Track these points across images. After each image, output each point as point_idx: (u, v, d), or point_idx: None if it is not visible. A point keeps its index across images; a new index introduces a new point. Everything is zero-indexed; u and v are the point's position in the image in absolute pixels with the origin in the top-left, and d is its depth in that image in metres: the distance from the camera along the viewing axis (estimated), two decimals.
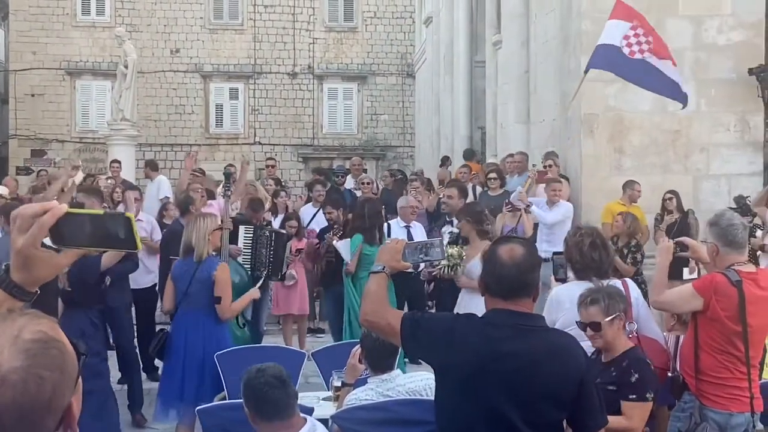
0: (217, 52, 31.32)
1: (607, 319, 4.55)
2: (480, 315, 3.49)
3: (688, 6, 11.96)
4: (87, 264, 6.86)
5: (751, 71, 11.69)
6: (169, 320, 7.93)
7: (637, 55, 9.71)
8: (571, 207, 10.85)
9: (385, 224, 9.97)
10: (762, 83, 11.80)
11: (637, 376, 4.48)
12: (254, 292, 7.64)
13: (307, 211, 12.32)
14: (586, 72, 10.23)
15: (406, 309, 7.72)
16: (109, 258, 7.07)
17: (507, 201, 10.58)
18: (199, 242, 7.04)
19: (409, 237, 9.63)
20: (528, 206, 10.42)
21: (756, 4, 12.04)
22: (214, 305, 7.02)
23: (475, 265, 7.05)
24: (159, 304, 9.57)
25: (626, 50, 9.74)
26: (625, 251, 9.98)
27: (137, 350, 9.00)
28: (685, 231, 10.05)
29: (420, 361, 4.37)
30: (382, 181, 16.19)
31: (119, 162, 16.25)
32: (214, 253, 7.27)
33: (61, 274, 8.72)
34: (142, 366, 9.14)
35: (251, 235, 9.63)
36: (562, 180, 11.28)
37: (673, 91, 9.96)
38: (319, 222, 11.69)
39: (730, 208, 9.77)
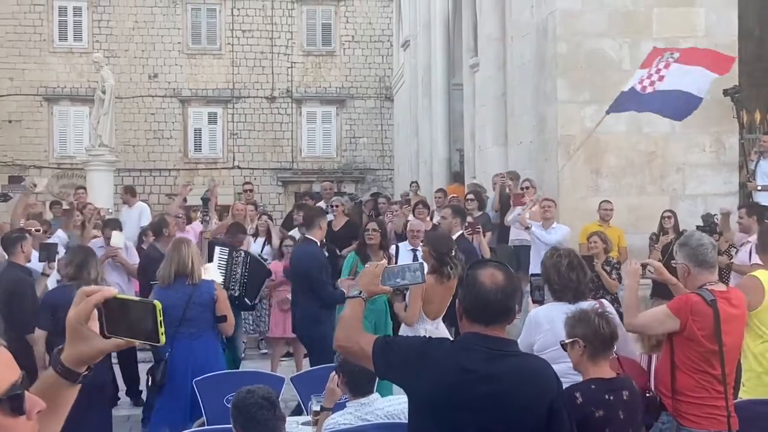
0: (195, 76, 31.34)
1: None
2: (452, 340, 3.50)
3: (662, 29, 12.09)
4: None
5: (725, 92, 11.80)
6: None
7: (648, 89, 10.00)
8: (569, 230, 10.86)
9: (393, 247, 10.00)
10: (736, 104, 11.91)
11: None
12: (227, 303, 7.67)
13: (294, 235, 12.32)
14: (607, 113, 10.64)
15: (400, 332, 7.71)
16: None
17: (467, 224, 10.61)
18: (195, 265, 7.04)
19: (415, 259, 9.64)
20: (528, 228, 10.66)
21: (729, 26, 12.19)
22: (216, 325, 7.08)
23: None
24: None
25: (638, 87, 10.20)
26: (608, 268, 10.07)
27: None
28: None
29: None
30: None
31: (84, 188, 16.25)
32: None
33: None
34: (126, 390, 9.07)
35: (226, 255, 9.62)
36: (554, 201, 11.31)
37: (683, 107, 10.18)
38: None
39: (698, 226, 9.87)
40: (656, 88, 10.25)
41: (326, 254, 9.49)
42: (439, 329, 7.63)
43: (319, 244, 9.02)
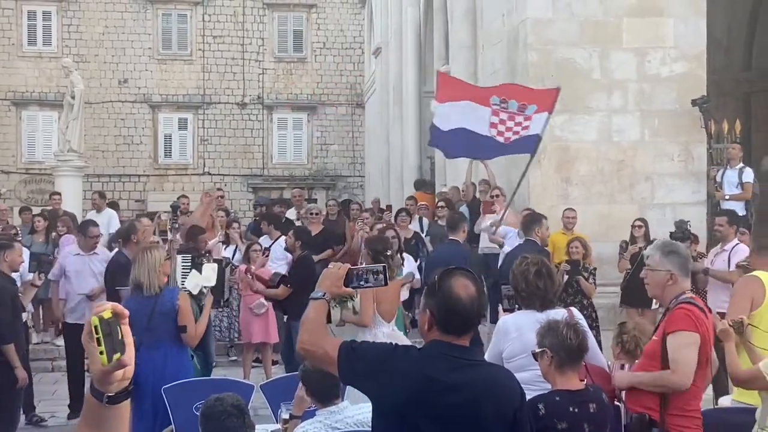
0: (165, 82, 31.20)
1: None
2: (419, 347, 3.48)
3: (631, 39, 12.18)
4: None
5: (693, 102, 11.91)
6: None
7: (513, 137, 10.14)
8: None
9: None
10: (704, 114, 12.02)
11: None
12: (207, 311, 7.59)
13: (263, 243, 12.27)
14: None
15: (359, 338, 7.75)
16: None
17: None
18: (152, 275, 6.95)
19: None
20: (501, 246, 10.68)
21: (697, 37, 12.30)
22: (179, 335, 6.98)
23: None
24: None
25: (500, 139, 10.18)
26: (585, 274, 10.17)
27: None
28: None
29: None
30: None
31: (60, 194, 16.10)
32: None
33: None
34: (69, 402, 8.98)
35: (189, 263, 9.56)
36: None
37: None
38: (275, 251, 11.71)
39: (671, 233, 9.95)
40: (517, 137, 10.25)
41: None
42: (394, 332, 7.72)
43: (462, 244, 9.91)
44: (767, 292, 5.74)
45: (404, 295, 10.89)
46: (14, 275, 8.49)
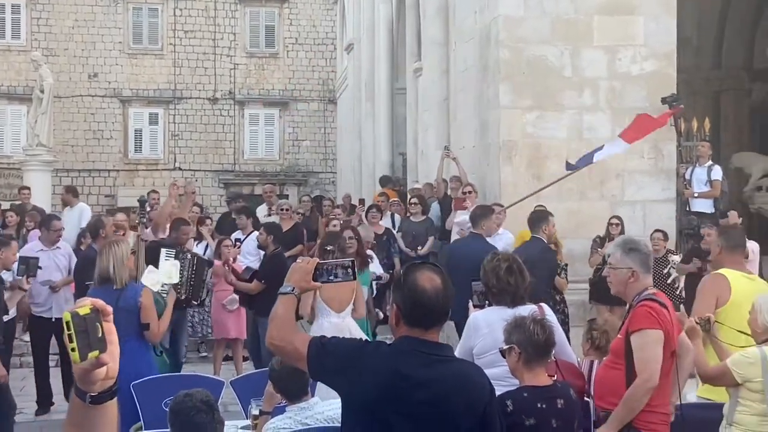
0: (136, 77, 31.01)
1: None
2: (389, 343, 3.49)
3: (602, 36, 12.22)
4: None
5: (663, 100, 11.97)
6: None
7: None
8: (513, 238, 10.91)
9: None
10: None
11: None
12: (170, 308, 7.54)
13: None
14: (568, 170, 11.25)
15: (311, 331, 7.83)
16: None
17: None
18: (119, 269, 6.88)
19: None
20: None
21: (667, 35, 12.36)
22: (142, 332, 6.92)
23: None
24: None
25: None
26: (559, 270, 10.24)
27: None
28: None
29: None
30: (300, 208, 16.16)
31: (29, 188, 15.95)
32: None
33: None
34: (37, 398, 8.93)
35: (172, 257, 9.50)
36: (503, 206, 11.35)
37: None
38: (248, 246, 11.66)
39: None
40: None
41: None
42: (346, 322, 7.76)
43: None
44: (733, 290, 5.78)
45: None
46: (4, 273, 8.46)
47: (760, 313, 5.10)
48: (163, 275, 7.97)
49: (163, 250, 9.47)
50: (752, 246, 9.97)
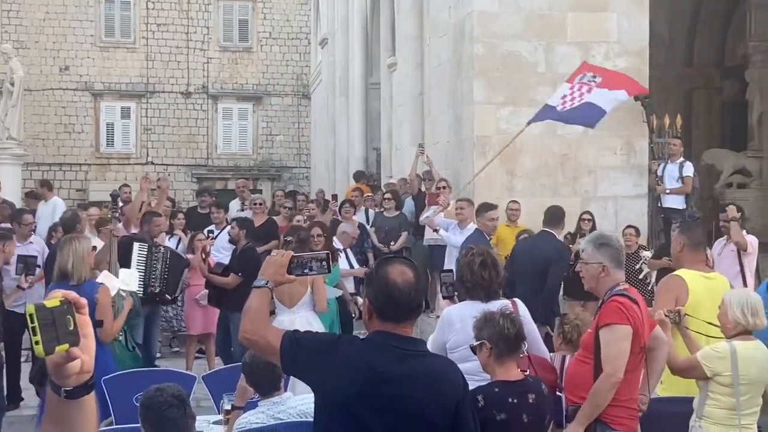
0: (108, 70, 30.77)
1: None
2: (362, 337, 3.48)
3: (576, 33, 12.27)
4: None
5: (636, 97, 12.03)
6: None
7: (567, 107, 10.91)
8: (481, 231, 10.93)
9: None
10: (646, 108, 12.16)
11: None
12: (126, 309, 7.47)
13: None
14: (527, 124, 11.24)
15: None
16: None
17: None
18: (78, 265, 6.81)
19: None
20: (436, 230, 10.82)
21: (640, 32, 12.43)
22: (95, 330, 6.84)
23: None
24: None
25: (559, 107, 10.93)
26: None
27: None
28: None
29: None
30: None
31: None
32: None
33: None
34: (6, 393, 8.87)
35: (145, 251, 9.45)
36: (472, 201, 11.37)
37: (592, 117, 11.00)
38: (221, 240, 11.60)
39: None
40: (573, 105, 10.92)
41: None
42: (302, 317, 7.76)
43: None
44: (690, 291, 5.82)
45: (350, 286, 10.94)
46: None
47: (730, 308, 5.14)
48: (120, 282, 7.90)
49: (136, 244, 9.42)
50: (750, 239, 10.04)
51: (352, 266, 11.22)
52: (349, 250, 11.33)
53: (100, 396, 6.58)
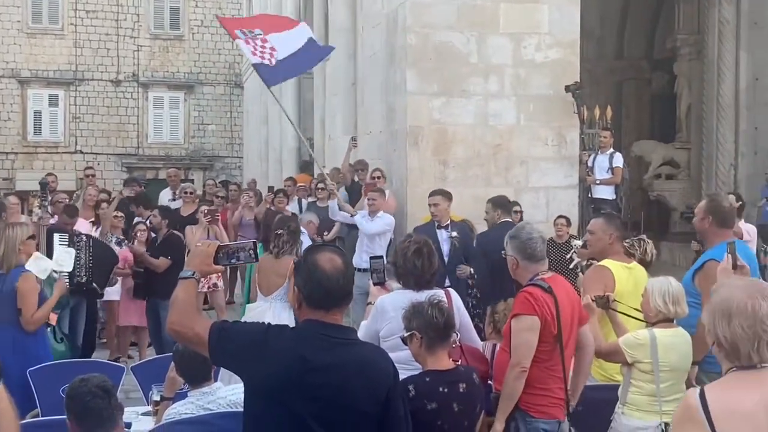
0: (35, 57, 30.15)
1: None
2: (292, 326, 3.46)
3: (508, 24, 12.34)
4: None
5: (567, 88, 12.15)
6: None
7: (273, 61, 11.39)
8: (393, 220, 11.00)
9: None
10: (577, 100, 12.29)
11: None
12: (55, 297, 7.33)
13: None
14: (269, 86, 12.07)
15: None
16: None
17: (205, 210, 11.39)
18: (8, 253, 6.70)
19: None
20: (353, 215, 11.00)
21: (571, 24, 12.55)
22: (18, 318, 6.72)
23: None
24: None
25: (265, 61, 11.39)
26: None
27: None
28: None
29: None
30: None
31: None
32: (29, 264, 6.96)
33: None
34: None
35: (66, 241, 9.29)
36: (384, 191, 11.39)
37: (317, 54, 12.02)
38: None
39: None
40: (277, 58, 11.47)
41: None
42: (274, 308, 7.79)
43: None
44: (616, 281, 5.91)
45: None
46: None
47: (652, 296, 5.22)
48: (53, 263, 7.74)
49: (56, 235, 9.27)
50: (748, 227, 10.10)
51: None
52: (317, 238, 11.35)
53: (26, 388, 6.46)
